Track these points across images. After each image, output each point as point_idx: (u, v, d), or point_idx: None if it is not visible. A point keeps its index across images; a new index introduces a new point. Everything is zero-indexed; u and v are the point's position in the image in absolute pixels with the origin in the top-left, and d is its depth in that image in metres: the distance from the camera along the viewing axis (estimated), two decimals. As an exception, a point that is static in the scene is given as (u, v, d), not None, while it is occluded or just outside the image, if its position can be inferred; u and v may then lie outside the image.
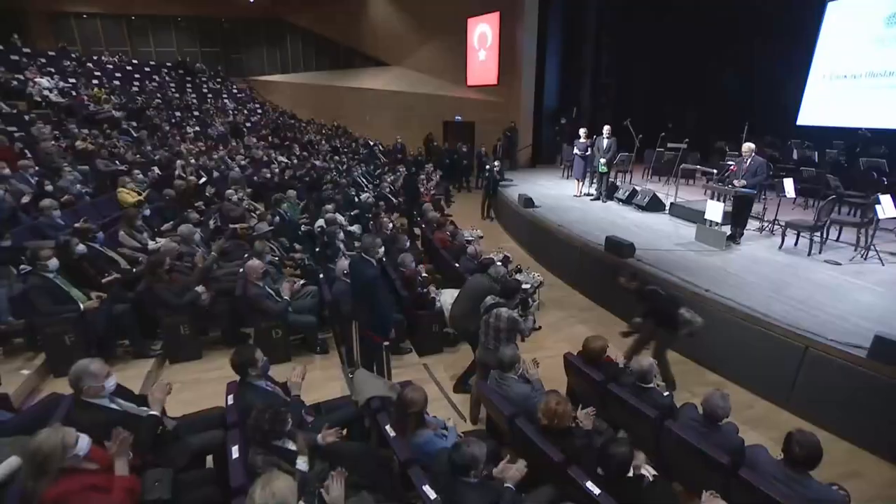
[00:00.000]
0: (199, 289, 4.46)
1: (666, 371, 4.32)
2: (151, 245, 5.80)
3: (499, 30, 14.71)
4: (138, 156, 10.42)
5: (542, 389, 3.38)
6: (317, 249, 6.23)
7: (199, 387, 4.16)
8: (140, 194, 7.59)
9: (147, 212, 6.45)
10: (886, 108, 9.93)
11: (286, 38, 29.39)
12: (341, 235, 6.07)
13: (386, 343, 3.79)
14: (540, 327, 5.84)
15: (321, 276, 5.21)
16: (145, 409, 2.59)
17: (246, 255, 5.54)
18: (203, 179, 10.00)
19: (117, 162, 9.61)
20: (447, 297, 5.23)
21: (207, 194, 8.53)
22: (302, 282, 5.32)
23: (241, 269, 4.74)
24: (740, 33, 11.88)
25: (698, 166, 9.22)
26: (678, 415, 3.13)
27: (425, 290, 5.15)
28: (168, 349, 4.41)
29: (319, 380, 4.48)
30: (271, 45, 29.91)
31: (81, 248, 4.40)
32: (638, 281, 4.41)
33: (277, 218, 7.09)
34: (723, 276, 5.48)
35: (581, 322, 6.04)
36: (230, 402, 2.81)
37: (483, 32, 15.49)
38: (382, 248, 3.95)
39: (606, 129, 9.02)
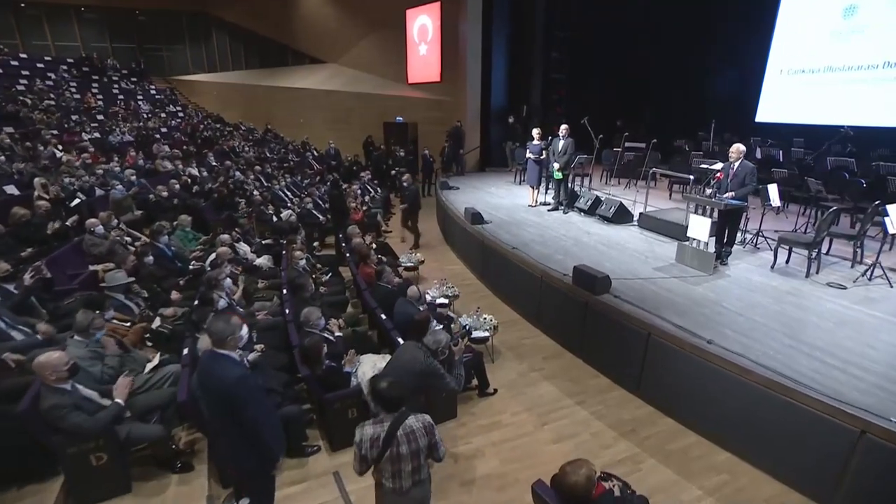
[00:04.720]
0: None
1: None
2: (-66, 312, 3.97)
3: (440, 22, 13.47)
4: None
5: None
6: (195, 302, 4.56)
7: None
8: (-42, 228, 5.62)
9: (-60, 260, 4.54)
10: (846, 103, 9.42)
11: (212, 33, 26.94)
12: (228, 282, 4.45)
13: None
14: (495, 391, 4.52)
15: (185, 350, 3.61)
16: None
17: (94, 318, 3.84)
18: (76, 201, 8.00)
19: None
20: (367, 368, 3.79)
21: (69, 223, 6.59)
22: (157, 359, 3.71)
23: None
24: (696, 26, 11.19)
25: (669, 171, 8.23)
26: None
27: (339, 364, 3.65)
28: None
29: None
30: (195, 42, 27.39)
31: None
32: None
33: (151, 258, 5.34)
34: (721, 315, 4.35)
35: (547, 378, 4.75)
36: None
37: (423, 25, 14.15)
38: (245, 332, 2.44)
39: (564, 128, 7.82)
